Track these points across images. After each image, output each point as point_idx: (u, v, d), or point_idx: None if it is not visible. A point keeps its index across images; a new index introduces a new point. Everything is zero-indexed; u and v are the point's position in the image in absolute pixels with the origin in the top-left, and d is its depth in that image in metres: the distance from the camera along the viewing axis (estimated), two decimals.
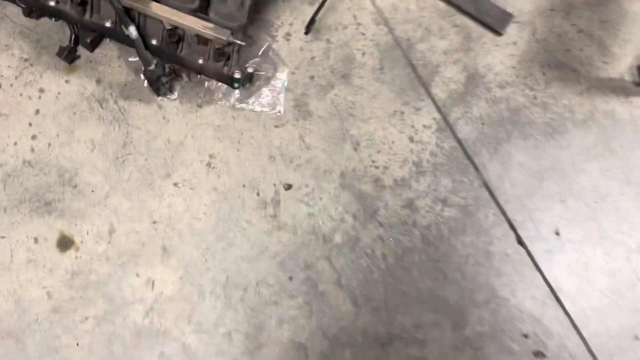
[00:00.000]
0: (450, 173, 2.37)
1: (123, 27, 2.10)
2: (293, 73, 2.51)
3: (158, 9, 2.05)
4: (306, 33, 2.33)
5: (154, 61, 2.22)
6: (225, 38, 2.03)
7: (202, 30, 2.04)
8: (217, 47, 2.10)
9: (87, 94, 2.44)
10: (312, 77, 2.51)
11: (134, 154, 2.37)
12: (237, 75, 2.19)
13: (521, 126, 2.43)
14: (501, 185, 2.35)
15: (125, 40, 2.24)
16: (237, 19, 2.06)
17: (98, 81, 2.45)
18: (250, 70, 2.25)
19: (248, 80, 2.30)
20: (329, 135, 2.44)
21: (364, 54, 2.54)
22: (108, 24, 2.16)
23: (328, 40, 2.56)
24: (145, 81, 2.36)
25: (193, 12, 2.08)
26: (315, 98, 2.48)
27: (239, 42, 2.05)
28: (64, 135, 2.38)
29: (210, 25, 2.05)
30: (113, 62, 2.48)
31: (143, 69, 2.27)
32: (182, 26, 2.06)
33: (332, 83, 2.51)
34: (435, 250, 2.28)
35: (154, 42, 2.21)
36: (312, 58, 2.54)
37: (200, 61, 2.20)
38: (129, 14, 2.09)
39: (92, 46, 2.43)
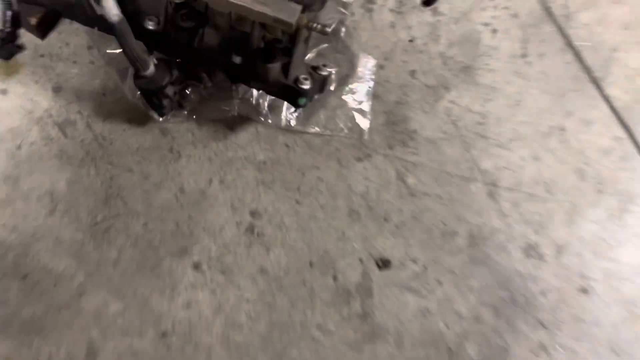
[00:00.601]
0: None
1: None
2: (381, 67, 1.51)
3: None
4: (426, 3, 1.28)
5: (152, 60, 1.22)
6: (292, 21, 1.02)
7: (247, 4, 1.03)
8: (269, 37, 1.10)
9: (39, 112, 1.44)
10: (412, 73, 1.52)
11: (125, 216, 1.40)
12: (305, 85, 1.20)
13: None
14: None
15: (98, 23, 1.24)
16: None
17: (56, 90, 1.44)
18: (325, 72, 1.25)
19: (319, 91, 1.30)
20: (446, 172, 1.48)
21: (494, 31, 1.54)
22: None
23: (436, 11, 1.54)
24: (138, 92, 1.36)
25: None
26: (419, 108, 1.50)
27: (319, 25, 1.04)
28: (2, 189, 1.39)
29: None
30: (80, 55, 1.47)
31: (133, 73, 1.28)
32: None
33: (446, 82, 1.52)
34: None
35: (150, 25, 1.21)
36: (412, 41, 1.54)
37: (237, 60, 1.20)
38: None
39: (42, 30, 1.41)
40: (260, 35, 1.16)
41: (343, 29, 1.51)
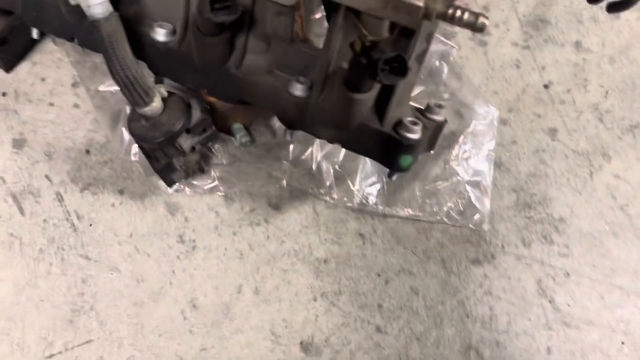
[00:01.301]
0: None
1: None
2: (504, 123, 1.00)
3: None
4: (610, 9, 0.77)
5: (160, 92, 0.73)
6: (420, 4, 0.53)
7: None
8: (369, 39, 0.59)
9: None
10: (552, 133, 1.00)
11: (99, 345, 0.86)
12: (414, 134, 0.68)
13: None
14: None
15: (76, 30, 0.76)
16: None
17: (18, 144, 0.96)
18: (440, 117, 0.74)
19: (429, 146, 0.78)
20: (617, 287, 0.91)
21: None
22: None
23: (579, 46, 1.06)
24: (135, 145, 0.87)
25: None
26: (567, 185, 0.97)
27: (467, 12, 0.54)
28: None
29: None
30: (60, 95, 1.01)
31: (128, 114, 0.79)
32: None
33: (605, 147, 1.00)
34: None
35: (161, 35, 0.73)
36: (547, 86, 1.04)
37: (298, 90, 0.70)
38: None
39: (5, 56, 0.96)
40: (345, 42, 0.67)
41: (446, 68, 1.02)
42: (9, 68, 1.00)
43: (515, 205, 0.96)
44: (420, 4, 0.55)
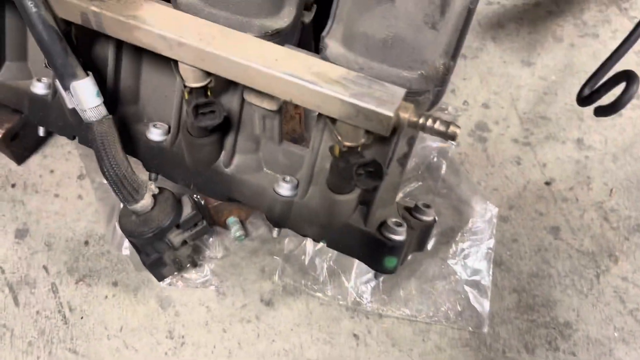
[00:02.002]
0: None
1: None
2: (505, 220, 0.98)
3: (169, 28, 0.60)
4: (584, 103, 0.77)
5: (150, 189, 0.75)
6: (389, 113, 0.54)
7: (312, 85, 0.56)
8: (345, 144, 0.60)
9: None
10: (555, 232, 0.98)
11: None
12: (398, 235, 0.67)
13: None
14: None
15: (77, 129, 0.80)
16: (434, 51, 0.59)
17: (21, 234, 0.99)
18: (428, 217, 0.73)
19: (418, 247, 0.77)
20: None
21: None
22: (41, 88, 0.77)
23: (581, 144, 1.05)
24: (126, 241, 0.88)
25: (271, 36, 0.63)
26: (572, 287, 0.93)
27: (439, 121, 0.54)
28: None
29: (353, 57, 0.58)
30: (65, 187, 1.05)
31: (120, 213, 0.80)
32: (240, 78, 0.59)
33: (612, 247, 0.97)
34: None
35: (156, 135, 0.76)
36: (549, 183, 1.02)
37: (284, 189, 0.70)
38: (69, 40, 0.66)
39: (15, 148, 1.01)
40: (326, 145, 0.68)
41: (444, 164, 1.02)
42: (20, 161, 1.05)
43: (517, 307, 0.92)
44: (390, 113, 0.56)
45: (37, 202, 1.01)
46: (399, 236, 0.70)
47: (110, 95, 0.79)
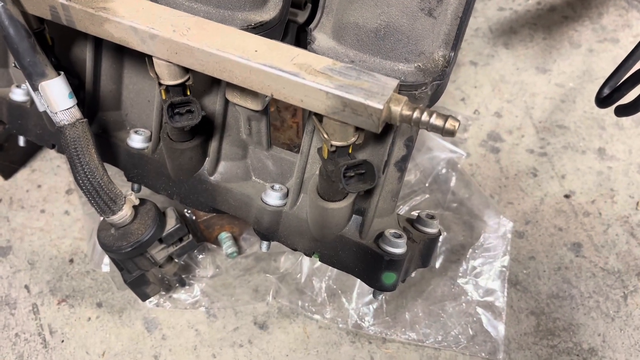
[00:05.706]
0: None
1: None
2: (521, 236, 0.90)
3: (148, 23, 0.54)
4: (604, 104, 0.70)
5: (130, 200, 0.69)
6: (379, 106, 0.47)
7: (295, 77, 0.50)
8: (333, 144, 0.54)
9: None
10: (576, 249, 0.89)
11: None
12: (397, 248, 0.60)
13: None
14: None
15: (54, 136, 0.75)
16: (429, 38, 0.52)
17: (3, 252, 0.93)
18: (432, 229, 0.66)
19: (422, 263, 0.69)
20: None
21: None
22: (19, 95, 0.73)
23: (603, 154, 0.97)
24: (106, 258, 0.82)
25: (264, 28, 0.58)
26: (596, 309, 0.84)
27: (434, 115, 0.48)
28: None
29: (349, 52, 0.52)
30: (52, 202, 1.00)
31: (99, 226, 0.74)
32: (229, 76, 0.54)
33: (639, 265, 0.87)
34: None
35: (136, 142, 0.71)
36: (568, 196, 0.94)
37: (272, 199, 0.64)
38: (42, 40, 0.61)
39: (4, 166, 0.96)
40: (315, 145, 0.62)
41: (454, 175, 0.94)
42: (7, 175, 1.00)
43: (536, 331, 0.83)
44: (380, 106, 0.49)
45: (22, 219, 0.96)
46: (398, 249, 0.63)
47: (90, 101, 0.74)
